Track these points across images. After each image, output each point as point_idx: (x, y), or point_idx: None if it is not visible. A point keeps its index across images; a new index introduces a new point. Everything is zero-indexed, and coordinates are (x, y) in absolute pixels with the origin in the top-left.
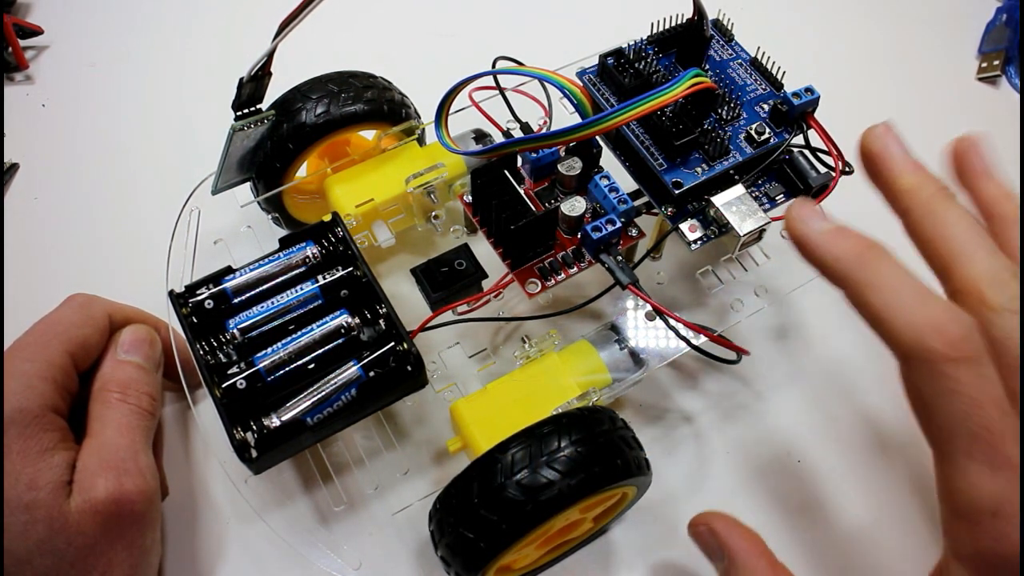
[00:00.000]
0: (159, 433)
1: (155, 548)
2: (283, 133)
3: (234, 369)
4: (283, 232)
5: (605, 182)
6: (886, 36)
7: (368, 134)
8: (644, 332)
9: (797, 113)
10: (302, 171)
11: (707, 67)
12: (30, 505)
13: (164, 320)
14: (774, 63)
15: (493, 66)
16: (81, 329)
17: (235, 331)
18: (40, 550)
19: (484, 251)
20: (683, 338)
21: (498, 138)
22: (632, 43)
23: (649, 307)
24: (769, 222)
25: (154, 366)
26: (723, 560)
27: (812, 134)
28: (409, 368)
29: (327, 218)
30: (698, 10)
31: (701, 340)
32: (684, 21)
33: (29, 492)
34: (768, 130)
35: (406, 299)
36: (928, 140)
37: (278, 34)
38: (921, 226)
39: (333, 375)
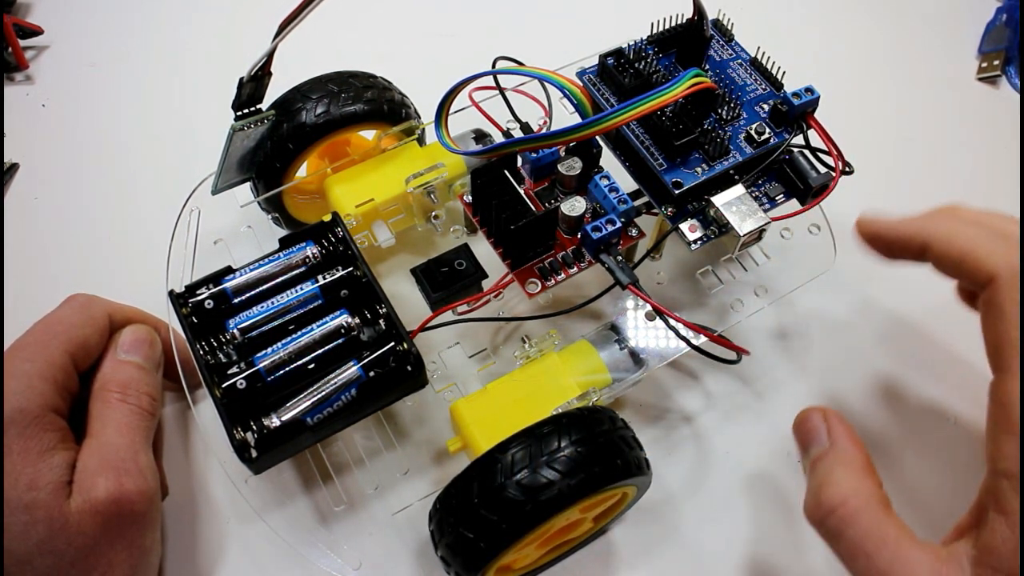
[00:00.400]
0: (159, 433)
1: (155, 548)
2: (283, 133)
3: (234, 369)
4: (283, 232)
5: (605, 182)
6: (886, 36)
7: (368, 134)
8: (644, 332)
9: (797, 113)
10: (302, 171)
11: (707, 67)
12: (30, 505)
13: (164, 320)
14: (774, 63)
15: (493, 66)
16: (81, 329)
17: (235, 331)
18: (40, 550)
19: (484, 251)
20: (683, 338)
21: (498, 138)
22: (632, 43)
23: (649, 307)
24: (769, 222)
25: (154, 366)
26: (822, 446)
27: (812, 134)
28: (409, 368)
29: (327, 218)
30: (698, 10)
31: (701, 340)
32: (684, 21)
33: (29, 492)
34: (768, 130)
35: (406, 299)
36: (928, 140)
37: (278, 34)
38: (937, 231)
39: (333, 375)
